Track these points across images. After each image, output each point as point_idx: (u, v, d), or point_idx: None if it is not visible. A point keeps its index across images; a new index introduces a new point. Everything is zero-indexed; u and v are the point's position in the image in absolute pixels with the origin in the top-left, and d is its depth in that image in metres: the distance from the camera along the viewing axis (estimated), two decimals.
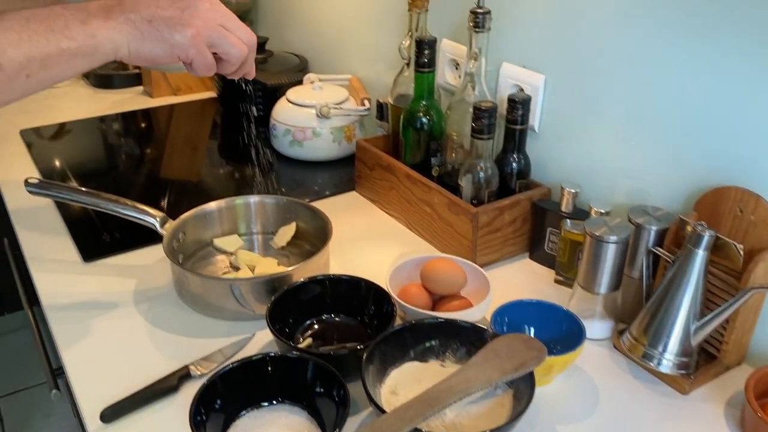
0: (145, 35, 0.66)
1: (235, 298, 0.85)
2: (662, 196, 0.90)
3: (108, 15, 0.65)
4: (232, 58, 0.72)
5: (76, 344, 0.83)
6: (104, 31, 0.64)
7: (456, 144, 1.06)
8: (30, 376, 2.05)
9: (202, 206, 0.98)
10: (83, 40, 0.64)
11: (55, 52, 0.63)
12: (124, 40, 0.65)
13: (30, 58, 0.62)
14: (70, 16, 0.64)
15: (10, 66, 0.61)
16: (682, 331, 0.76)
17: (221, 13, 0.70)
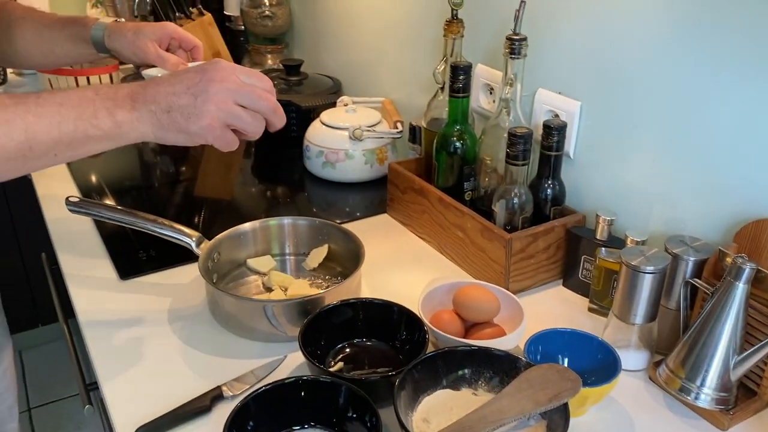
0: (165, 126, 0.68)
1: (268, 319, 0.85)
2: (700, 226, 0.88)
3: (133, 105, 0.68)
4: (249, 135, 0.73)
5: (111, 361, 0.84)
6: (129, 122, 0.68)
7: (489, 169, 1.06)
8: (62, 388, 2.08)
9: (236, 227, 1.00)
10: (109, 129, 0.67)
11: (82, 137, 0.67)
12: (149, 129, 0.69)
13: (58, 142, 0.66)
14: (99, 105, 0.67)
15: (39, 148, 0.65)
16: (722, 365, 0.75)
17: (234, 90, 0.70)
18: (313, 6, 1.72)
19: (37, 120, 0.65)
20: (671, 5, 0.85)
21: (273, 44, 1.81)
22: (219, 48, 1.63)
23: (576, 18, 0.98)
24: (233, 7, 1.85)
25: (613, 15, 0.93)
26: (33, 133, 0.64)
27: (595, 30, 0.96)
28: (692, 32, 0.84)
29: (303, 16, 1.79)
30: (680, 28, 0.85)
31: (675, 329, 0.83)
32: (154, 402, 0.76)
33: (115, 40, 1.01)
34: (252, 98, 0.71)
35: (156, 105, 0.68)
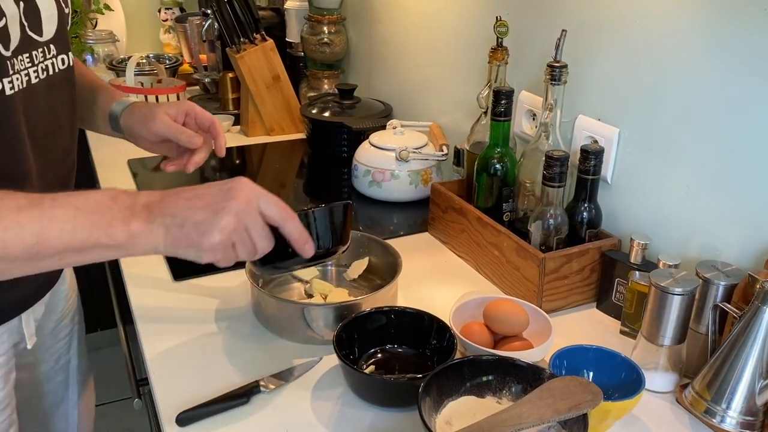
0: (176, 240, 0.66)
1: (306, 323, 0.90)
2: (734, 252, 0.89)
3: (149, 216, 0.66)
4: (241, 257, 0.70)
5: (160, 353, 0.90)
6: (143, 234, 0.66)
7: (528, 191, 1.09)
8: (114, 391, 2.18)
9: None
10: (122, 239, 0.65)
11: (93, 245, 0.65)
12: (160, 242, 0.66)
13: (68, 247, 0.65)
14: (116, 213, 0.65)
15: (47, 252, 0.64)
16: (748, 389, 0.75)
17: (251, 216, 0.68)
18: (369, 35, 1.79)
19: (50, 224, 0.63)
20: (711, 34, 0.87)
21: (330, 70, 1.89)
22: (279, 72, 1.72)
23: (615, 47, 1.02)
24: (294, 34, 1.94)
25: (652, 44, 0.96)
26: (44, 237, 0.63)
27: (635, 58, 0.99)
28: (731, 61, 0.86)
29: (359, 43, 1.87)
30: (719, 57, 0.87)
31: (705, 353, 0.84)
32: (196, 392, 0.82)
33: (129, 116, 0.97)
34: (260, 233, 0.69)
35: (171, 218, 0.66)
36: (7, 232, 0.62)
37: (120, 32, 2.41)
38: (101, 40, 2.26)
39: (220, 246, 0.67)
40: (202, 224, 0.66)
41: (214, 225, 0.66)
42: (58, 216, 0.64)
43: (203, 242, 0.66)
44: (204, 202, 0.67)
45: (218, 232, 0.66)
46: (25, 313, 0.89)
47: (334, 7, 1.83)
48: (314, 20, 1.83)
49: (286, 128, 1.77)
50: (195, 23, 2.03)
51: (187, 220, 0.66)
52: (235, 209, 0.67)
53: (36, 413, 1.06)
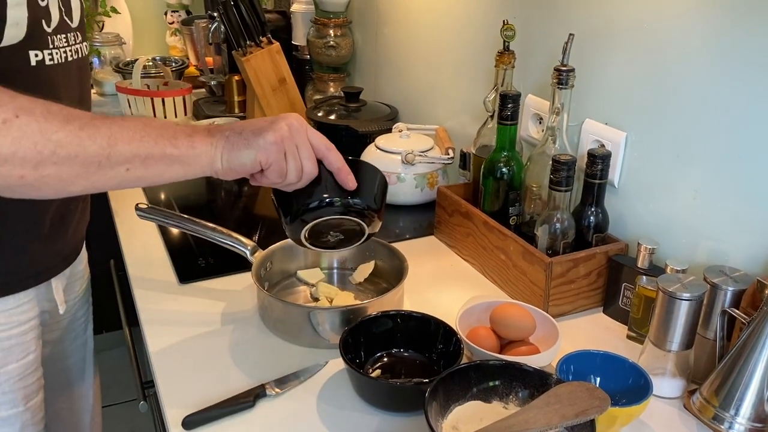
0: (234, 145, 0.72)
1: (312, 326, 0.90)
2: (742, 258, 0.89)
3: (210, 133, 0.73)
4: (286, 178, 0.75)
5: (166, 356, 0.90)
6: (204, 145, 0.71)
7: (535, 195, 1.09)
8: (119, 393, 2.18)
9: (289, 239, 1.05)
10: (185, 149, 0.70)
11: (159, 154, 0.70)
12: (219, 153, 0.72)
13: (135, 155, 0.69)
14: (180, 130, 0.71)
15: (116, 158, 0.68)
16: (756, 396, 0.75)
17: (301, 135, 0.74)
18: (375, 38, 1.79)
19: (121, 130, 0.68)
20: (720, 38, 0.87)
21: (336, 73, 1.90)
22: (285, 75, 1.72)
23: (623, 51, 1.01)
24: (300, 37, 1.95)
25: (659, 48, 0.95)
26: (115, 140, 0.67)
27: (642, 63, 0.99)
28: (739, 66, 0.85)
29: (365, 47, 1.87)
30: (727, 61, 0.87)
31: (713, 359, 0.84)
32: (202, 395, 0.82)
33: None
34: (308, 154, 0.75)
35: (231, 131, 0.73)
36: (84, 131, 0.66)
37: (126, 35, 2.41)
38: (108, 43, 2.27)
39: (275, 146, 0.73)
40: (261, 129, 0.73)
41: (269, 128, 0.73)
42: (128, 126, 0.69)
43: (258, 140, 0.72)
44: (262, 120, 0.75)
45: (273, 132, 0.73)
46: (54, 279, 0.95)
47: (341, 10, 1.83)
48: (320, 23, 1.83)
49: None
50: (201, 26, 2.03)
51: (245, 128, 0.73)
52: (287, 123, 0.74)
53: (61, 388, 1.11)
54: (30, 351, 0.92)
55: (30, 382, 0.93)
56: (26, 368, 0.92)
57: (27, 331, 0.91)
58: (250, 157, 0.72)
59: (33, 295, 0.92)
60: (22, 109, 0.64)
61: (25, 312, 0.90)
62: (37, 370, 0.94)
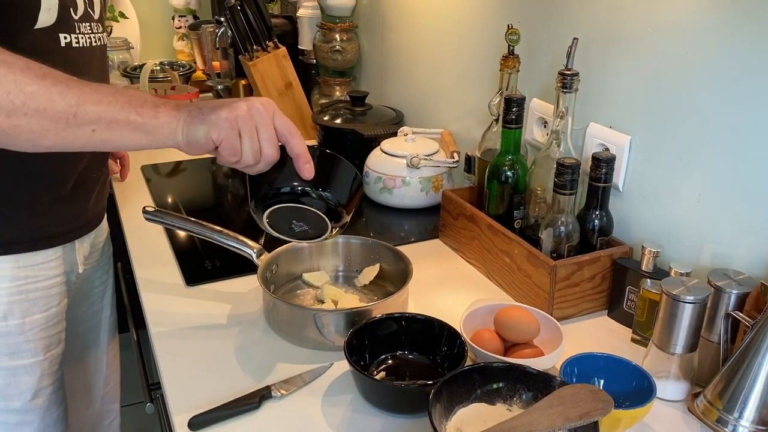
0: (193, 120, 0.73)
1: (317, 328, 0.91)
2: (747, 261, 0.89)
3: (177, 107, 0.74)
4: (241, 158, 0.74)
5: (173, 358, 0.91)
6: (167, 117, 0.73)
7: (540, 199, 1.09)
8: (127, 395, 2.18)
9: (295, 242, 1.06)
10: (148, 118, 0.72)
11: (123, 120, 0.72)
12: (180, 127, 0.73)
13: (101, 117, 0.72)
14: (149, 100, 0.74)
15: (82, 117, 0.71)
16: (760, 399, 0.75)
17: (263, 117, 0.73)
18: (380, 42, 1.80)
19: (92, 92, 0.72)
20: (723, 43, 0.87)
21: (342, 77, 1.91)
22: (291, 79, 1.74)
23: (628, 55, 1.02)
24: (306, 42, 1.96)
25: (664, 52, 0.96)
26: (84, 100, 0.71)
27: (647, 67, 0.99)
28: (743, 70, 0.85)
29: (370, 51, 1.88)
30: (733, 67, 0.87)
31: (717, 362, 0.84)
32: (208, 397, 0.82)
33: None
34: (268, 137, 0.74)
35: (195, 107, 0.74)
36: (55, 87, 0.71)
37: (134, 39, 2.43)
38: (116, 48, 2.28)
39: (226, 123, 0.72)
40: (218, 105, 0.74)
41: (227, 105, 0.73)
42: (100, 90, 0.73)
43: (212, 116, 0.72)
44: (227, 100, 0.75)
45: (229, 110, 0.73)
46: (78, 240, 1.03)
47: (346, 14, 1.84)
48: (326, 28, 1.84)
49: None
50: (208, 31, 2.05)
51: (208, 105, 0.74)
52: (250, 103, 0.74)
53: (75, 353, 1.15)
54: (53, 305, 0.99)
55: (51, 333, 0.99)
56: (49, 320, 0.98)
57: (52, 286, 0.98)
58: (203, 131, 0.73)
59: (60, 254, 0.99)
60: (4, 62, 0.70)
61: (51, 268, 0.98)
62: (58, 323, 1.01)
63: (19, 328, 0.95)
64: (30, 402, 0.97)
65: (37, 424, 0.99)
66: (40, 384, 0.98)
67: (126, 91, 0.74)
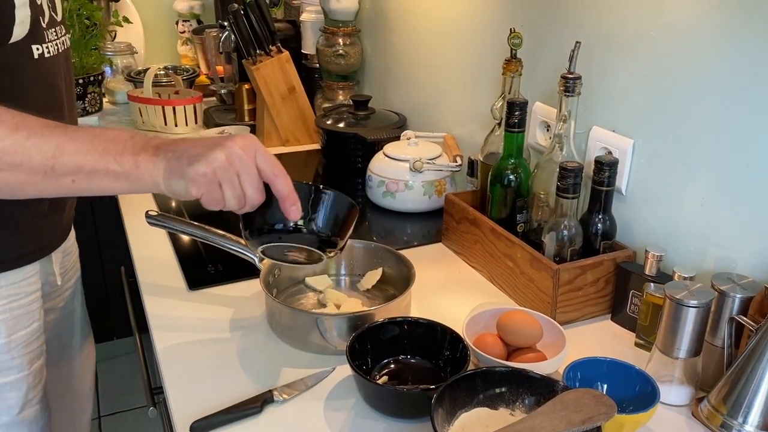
0: (172, 172, 0.70)
1: (320, 332, 0.91)
2: (751, 265, 0.88)
3: (156, 152, 0.71)
4: (228, 202, 0.72)
5: (175, 362, 0.91)
6: (147, 165, 0.70)
7: (543, 202, 1.09)
8: (130, 399, 2.19)
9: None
10: (129, 167, 0.70)
11: (102, 170, 0.71)
12: (160, 175, 0.71)
13: (80, 168, 0.70)
14: (128, 146, 0.71)
15: (61, 169, 0.70)
16: (764, 403, 0.75)
17: (244, 163, 0.71)
18: (384, 46, 1.80)
19: (69, 143, 0.70)
20: (726, 46, 0.87)
21: (345, 81, 1.91)
22: (294, 83, 1.74)
23: (630, 59, 1.02)
24: (309, 46, 1.96)
25: (666, 56, 0.96)
26: (61, 152, 0.70)
27: (649, 71, 0.99)
28: (747, 75, 0.85)
29: (374, 55, 1.88)
30: (735, 71, 0.87)
31: (721, 366, 0.83)
32: (211, 401, 0.82)
33: None
34: (251, 181, 0.71)
35: (173, 153, 0.71)
36: (30, 140, 0.70)
37: (138, 44, 2.44)
38: (120, 52, 2.29)
39: (204, 178, 0.70)
40: (196, 156, 0.70)
41: (204, 156, 0.69)
42: (77, 138, 0.71)
43: (189, 171, 0.69)
44: (206, 143, 0.71)
45: (206, 163, 0.69)
46: (54, 253, 1.02)
47: (349, 19, 1.84)
48: (329, 32, 1.85)
49: (301, 139, 1.78)
50: (212, 35, 2.05)
51: (185, 152, 0.70)
52: (229, 150, 0.70)
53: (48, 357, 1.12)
54: (35, 320, 0.99)
55: (34, 348, 0.99)
56: (31, 335, 0.98)
57: (32, 302, 0.98)
58: (182, 186, 0.71)
59: (38, 268, 0.98)
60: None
61: (31, 284, 0.97)
62: (39, 337, 1.01)
63: (5, 347, 0.94)
64: (17, 415, 0.97)
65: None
66: (27, 397, 0.98)
67: (104, 134, 0.72)
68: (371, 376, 0.86)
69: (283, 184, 0.74)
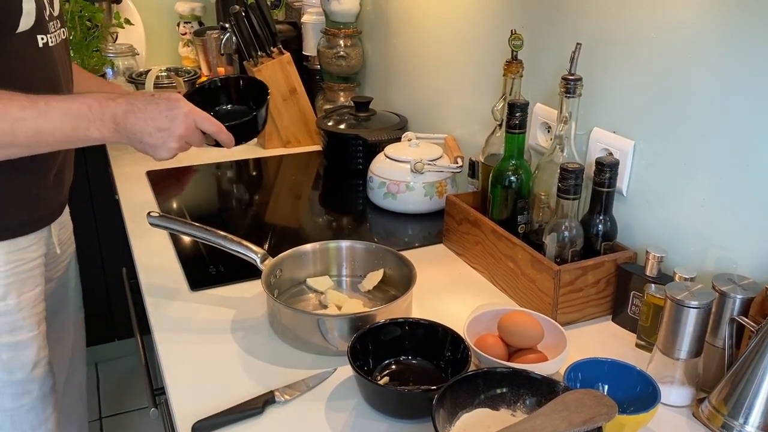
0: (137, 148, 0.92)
1: (321, 333, 0.91)
2: (751, 266, 0.88)
3: (116, 128, 0.89)
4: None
5: (177, 362, 0.91)
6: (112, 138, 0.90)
7: (543, 204, 1.09)
8: (131, 400, 2.19)
9: (298, 247, 1.07)
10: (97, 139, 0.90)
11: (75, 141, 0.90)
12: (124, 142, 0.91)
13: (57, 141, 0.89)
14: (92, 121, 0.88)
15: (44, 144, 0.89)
16: (765, 404, 0.75)
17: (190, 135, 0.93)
18: (384, 48, 1.81)
19: (45, 124, 0.86)
20: (726, 49, 0.87)
21: (346, 82, 1.91)
22: (295, 85, 1.74)
23: (631, 60, 1.02)
24: (310, 48, 1.96)
25: (667, 58, 0.96)
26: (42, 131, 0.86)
27: (650, 72, 0.99)
28: (747, 76, 0.85)
29: (375, 57, 1.88)
30: (736, 73, 0.87)
31: (721, 367, 0.83)
32: (213, 401, 0.83)
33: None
34: (197, 141, 0.95)
35: (133, 135, 0.89)
36: (16, 125, 0.85)
37: (140, 46, 2.45)
38: (121, 54, 2.30)
39: (170, 157, 0.93)
40: (155, 147, 0.91)
41: (164, 147, 0.91)
42: (50, 119, 0.87)
43: (156, 156, 0.93)
44: (155, 125, 0.90)
45: (167, 151, 0.92)
46: (54, 224, 1.12)
47: (351, 20, 1.85)
48: (330, 34, 1.85)
49: (302, 140, 1.79)
50: (213, 37, 2.06)
51: (144, 140, 0.90)
52: (179, 134, 0.91)
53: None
54: (38, 284, 1.09)
55: (39, 310, 1.09)
56: (37, 297, 1.08)
57: (35, 267, 1.07)
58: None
59: (42, 236, 1.09)
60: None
61: (34, 251, 1.07)
62: (43, 301, 1.10)
63: (16, 306, 1.03)
64: (31, 372, 1.06)
65: (36, 393, 1.08)
66: (38, 356, 1.07)
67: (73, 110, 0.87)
68: (372, 376, 0.87)
69: (224, 137, 0.97)
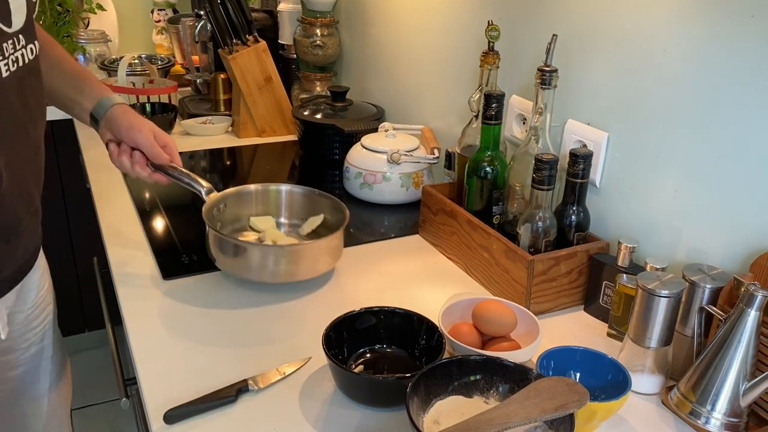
0: None
1: (257, 262, 1.00)
2: (720, 256, 0.90)
3: None
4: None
5: (149, 351, 0.90)
6: None
7: (518, 195, 1.10)
8: (102, 392, 2.16)
9: (242, 186, 1.15)
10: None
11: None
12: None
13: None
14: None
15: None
16: (732, 391, 0.76)
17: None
18: (362, 37, 1.80)
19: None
20: (698, 41, 0.89)
21: (322, 72, 1.90)
22: (271, 73, 1.72)
23: (606, 52, 1.03)
24: (287, 36, 1.95)
25: (641, 51, 0.97)
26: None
27: (624, 65, 1.00)
28: (717, 69, 0.87)
29: (352, 46, 1.87)
30: (707, 66, 0.88)
31: (691, 356, 0.85)
32: (185, 391, 0.82)
33: (114, 121, 1.05)
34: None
35: None
36: None
37: (112, 32, 2.40)
38: (93, 40, 2.25)
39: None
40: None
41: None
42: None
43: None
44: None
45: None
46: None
47: (327, 9, 1.84)
48: (307, 22, 1.84)
49: (277, 130, 1.77)
50: (188, 24, 2.03)
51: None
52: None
53: (11, 395, 1.04)
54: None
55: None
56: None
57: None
58: None
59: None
60: None
61: None
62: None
63: None
64: None
65: None
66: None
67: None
68: (347, 365, 0.87)
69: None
